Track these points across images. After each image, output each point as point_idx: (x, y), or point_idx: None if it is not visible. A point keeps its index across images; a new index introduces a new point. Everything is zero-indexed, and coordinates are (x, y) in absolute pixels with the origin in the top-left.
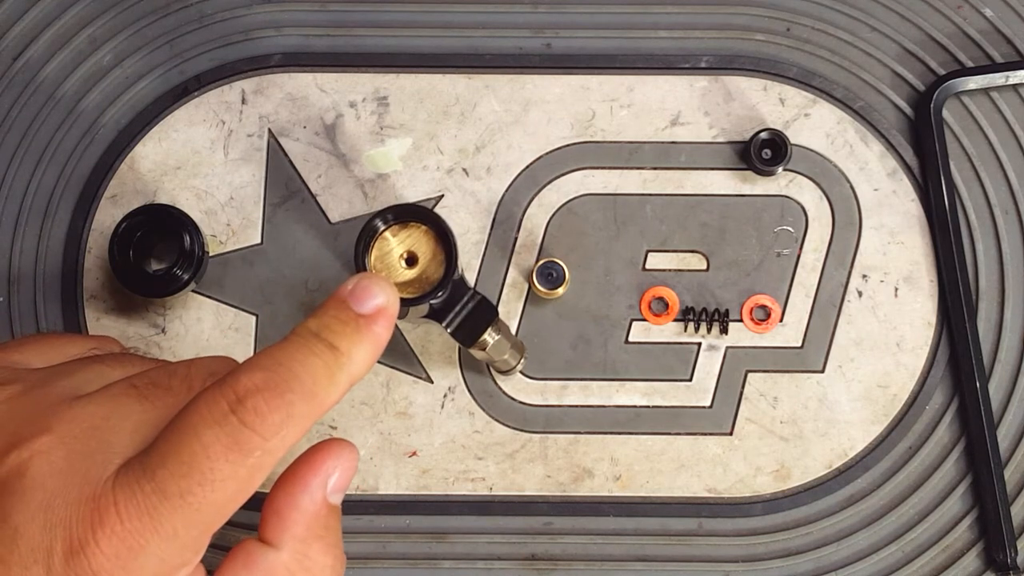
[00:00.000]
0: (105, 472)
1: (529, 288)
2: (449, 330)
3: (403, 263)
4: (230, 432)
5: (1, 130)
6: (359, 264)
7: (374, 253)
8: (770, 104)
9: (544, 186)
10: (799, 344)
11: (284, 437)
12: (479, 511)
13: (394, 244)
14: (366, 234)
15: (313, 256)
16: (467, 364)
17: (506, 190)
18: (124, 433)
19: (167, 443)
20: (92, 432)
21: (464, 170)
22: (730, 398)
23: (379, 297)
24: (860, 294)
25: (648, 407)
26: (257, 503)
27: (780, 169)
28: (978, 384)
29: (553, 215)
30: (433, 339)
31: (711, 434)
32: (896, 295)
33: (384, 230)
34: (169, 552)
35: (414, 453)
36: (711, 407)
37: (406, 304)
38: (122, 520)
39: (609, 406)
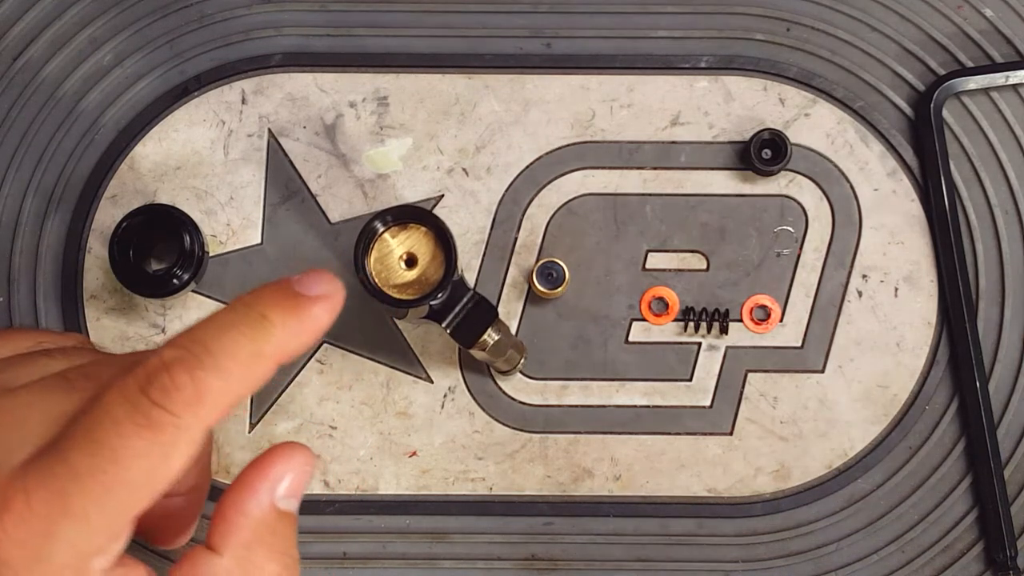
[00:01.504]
0: (14, 460)
1: (529, 288)
2: (449, 331)
3: (403, 264)
4: (141, 410)
5: (1, 130)
6: (358, 266)
7: (374, 255)
8: (770, 104)
9: (544, 186)
10: (799, 344)
11: (197, 414)
12: (479, 511)
13: (394, 245)
14: (365, 236)
15: (313, 256)
16: (467, 364)
17: (506, 190)
18: (43, 424)
19: (79, 425)
20: (10, 424)
21: (464, 170)
22: (730, 398)
23: (325, 286)
24: (860, 294)
25: (648, 407)
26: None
27: (780, 169)
28: (978, 384)
29: (553, 215)
30: (433, 339)
31: (711, 434)
32: (896, 295)
33: (383, 231)
34: (80, 537)
35: (414, 453)
36: (711, 407)
37: (406, 306)
38: (31, 505)
39: (609, 406)
